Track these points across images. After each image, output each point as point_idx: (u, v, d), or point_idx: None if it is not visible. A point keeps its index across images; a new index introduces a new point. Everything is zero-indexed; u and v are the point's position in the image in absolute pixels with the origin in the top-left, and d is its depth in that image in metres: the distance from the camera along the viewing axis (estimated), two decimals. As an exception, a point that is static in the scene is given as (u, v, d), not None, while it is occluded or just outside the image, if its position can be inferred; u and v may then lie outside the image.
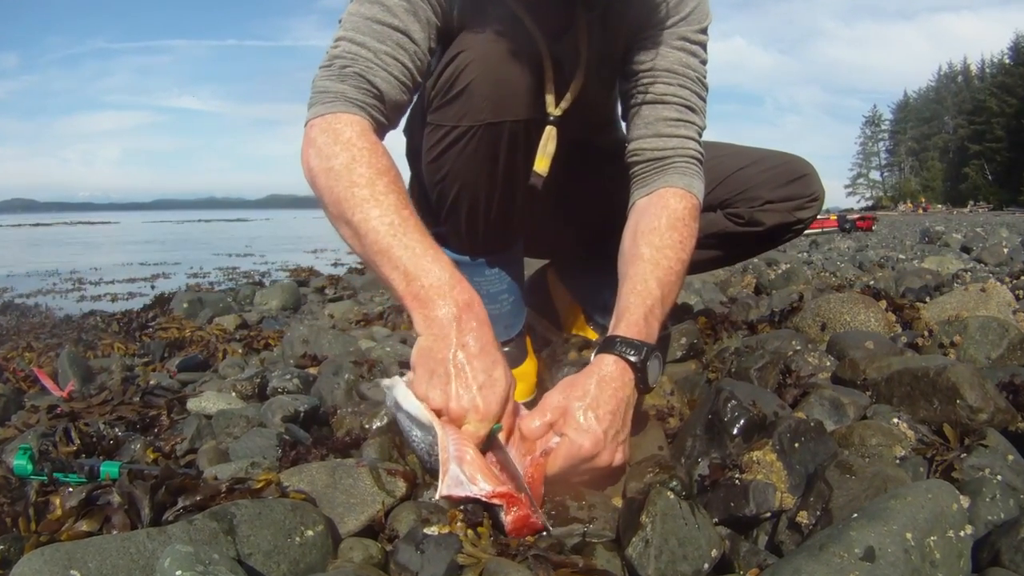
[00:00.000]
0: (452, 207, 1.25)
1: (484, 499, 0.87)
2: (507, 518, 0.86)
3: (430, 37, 1.11)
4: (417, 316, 0.98)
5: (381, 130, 1.12)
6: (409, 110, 1.23)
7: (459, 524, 0.88)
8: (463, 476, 0.88)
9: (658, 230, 1.16)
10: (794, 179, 1.51)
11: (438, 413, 0.94)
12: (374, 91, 1.07)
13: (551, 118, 1.16)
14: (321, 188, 1.04)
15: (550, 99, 1.15)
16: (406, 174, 1.48)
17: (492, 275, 1.36)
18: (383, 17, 1.07)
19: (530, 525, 0.87)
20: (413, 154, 1.32)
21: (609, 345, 1.05)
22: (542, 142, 1.17)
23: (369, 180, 1.00)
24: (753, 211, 1.51)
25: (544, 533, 0.88)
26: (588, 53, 1.20)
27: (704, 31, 1.26)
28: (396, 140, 1.29)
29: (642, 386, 1.05)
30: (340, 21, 1.11)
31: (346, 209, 1.01)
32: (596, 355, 1.07)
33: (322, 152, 1.04)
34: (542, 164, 1.17)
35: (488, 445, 0.94)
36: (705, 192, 1.27)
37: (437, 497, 0.90)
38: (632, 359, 1.03)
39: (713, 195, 1.51)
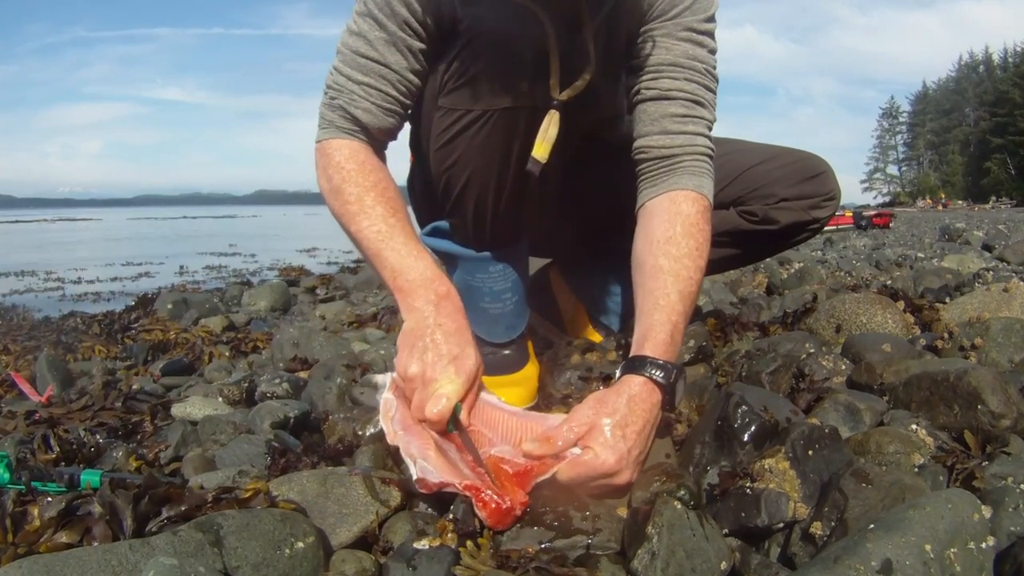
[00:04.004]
0: (459, 196, 1.26)
1: (457, 489, 0.93)
2: (481, 513, 0.90)
3: (414, 61, 1.20)
4: (402, 305, 1.15)
5: (373, 147, 1.26)
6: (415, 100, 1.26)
7: (450, 535, 0.88)
8: (430, 467, 0.96)
9: (674, 239, 1.19)
10: (810, 176, 1.51)
11: (412, 383, 1.07)
12: (355, 121, 1.22)
13: (554, 102, 1.16)
14: (328, 205, 1.25)
15: (554, 83, 1.15)
16: (406, 168, 1.48)
17: (496, 271, 1.36)
18: (365, 51, 1.19)
19: (507, 512, 0.90)
20: (417, 142, 1.33)
21: (638, 365, 1.08)
22: (543, 127, 1.17)
23: (357, 197, 1.19)
24: (767, 209, 1.51)
25: (525, 508, 0.92)
26: (594, 45, 1.20)
27: (711, 19, 1.26)
28: (402, 133, 1.33)
29: (668, 407, 1.09)
30: (337, 51, 1.23)
31: (344, 223, 1.21)
32: (623, 374, 1.09)
33: (323, 174, 1.24)
34: (541, 150, 1.17)
35: (453, 420, 1.04)
36: (717, 189, 1.28)
37: (414, 479, 0.96)
38: (661, 381, 1.06)
39: (726, 192, 1.51)
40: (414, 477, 0.96)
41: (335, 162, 1.21)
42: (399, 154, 1.46)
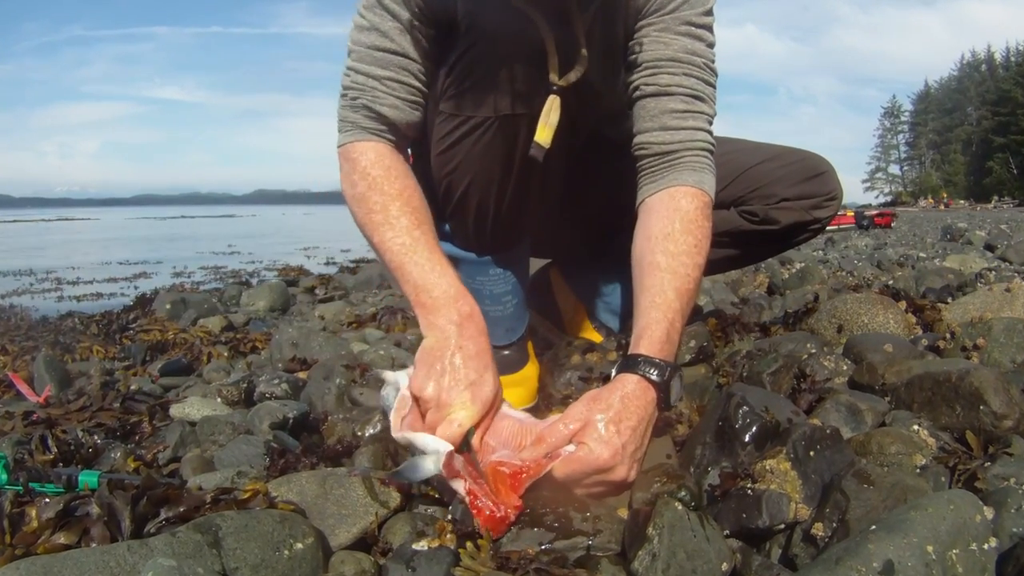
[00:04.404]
0: (460, 201, 1.26)
1: (462, 488, 0.94)
2: (476, 520, 0.91)
3: (429, 47, 1.18)
4: (424, 322, 1.12)
5: (400, 147, 1.24)
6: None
7: (449, 536, 0.88)
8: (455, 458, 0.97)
9: (672, 235, 1.18)
10: (811, 176, 1.50)
11: (427, 404, 1.05)
12: (382, 119, 1.20)
13: (554, 88, 1.15)
14: (351, 211, 1.23)
15: (552, 68, 1.15)
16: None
17: (496, 275, 1.37)
18: (381, 43, 1.17)
19: (500, 520, 0.91)
20: (416, 144, 1.33)
21: (631, 364, 1.08)
22: (544, 111, 1.16)
23: (383, 206, 1.16)
24: (768, 209, 1.51)
25: (517, 516, 0.93)
26: (588, 39, 1.20)
27: (709, 12, 1.25)
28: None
29: (664, 405, 1.08)
30: (349, 51, 1.21)
31: (367, 232, 1.19)
32: (618, 372, 1.09)
33: (347, 179, 1.22)
34: (544, 134, 1.16)
35: (466, 444, 1.02)
36: (718, 188, 1.27)
37: (444, 452, 0.97)
38: (655, 379, 1.06)
39: (726, 192, 1.51)
40: (443, 450, 0.97)
41: (360, 167, 1.19)
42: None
